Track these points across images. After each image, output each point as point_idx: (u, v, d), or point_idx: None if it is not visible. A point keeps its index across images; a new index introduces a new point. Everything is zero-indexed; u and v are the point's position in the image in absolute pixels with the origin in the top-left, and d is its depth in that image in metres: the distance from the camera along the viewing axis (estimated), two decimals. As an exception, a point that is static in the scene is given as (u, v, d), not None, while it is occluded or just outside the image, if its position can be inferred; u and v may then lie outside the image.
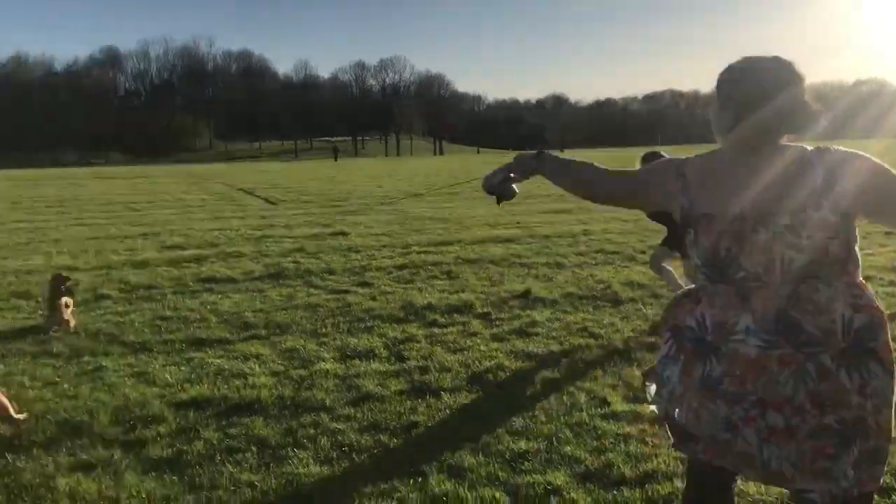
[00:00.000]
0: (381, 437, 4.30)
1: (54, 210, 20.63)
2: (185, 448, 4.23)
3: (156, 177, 42.71)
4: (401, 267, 9.65)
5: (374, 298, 7.89)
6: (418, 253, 10.78)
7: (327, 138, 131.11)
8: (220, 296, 8.22)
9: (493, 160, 60.05)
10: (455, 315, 7.05)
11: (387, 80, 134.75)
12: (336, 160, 73.12)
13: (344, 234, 13.45)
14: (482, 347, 5.97)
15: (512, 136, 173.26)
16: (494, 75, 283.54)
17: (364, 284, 8.68)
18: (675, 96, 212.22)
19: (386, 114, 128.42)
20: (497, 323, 6.74)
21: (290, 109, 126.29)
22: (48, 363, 5.85)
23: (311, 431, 4.40)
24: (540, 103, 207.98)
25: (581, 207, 16.44)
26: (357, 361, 5.71)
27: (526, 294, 7.73)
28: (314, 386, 5.17)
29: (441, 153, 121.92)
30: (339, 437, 4.31)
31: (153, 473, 3.96)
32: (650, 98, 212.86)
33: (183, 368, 5.68)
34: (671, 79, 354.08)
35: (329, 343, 6.26)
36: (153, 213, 19.02)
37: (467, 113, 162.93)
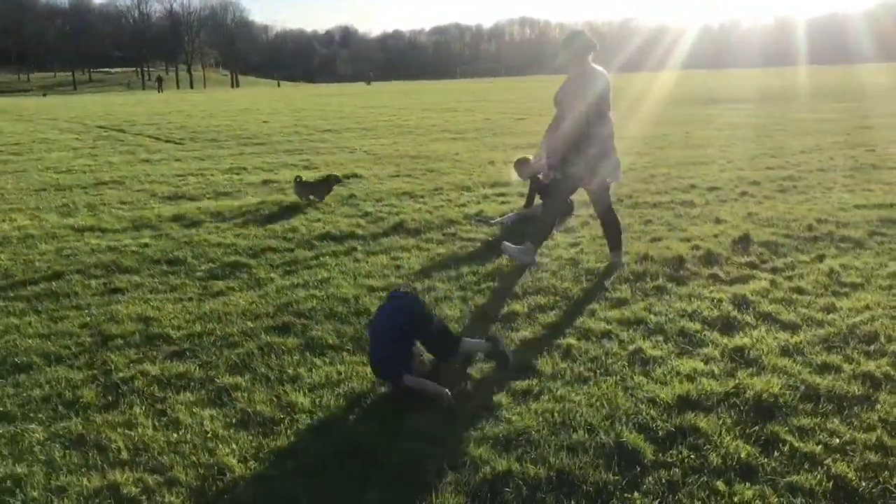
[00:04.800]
0: None
1: None
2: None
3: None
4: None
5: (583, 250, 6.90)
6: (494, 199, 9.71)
7: (107, 69, 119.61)
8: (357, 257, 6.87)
9: (299, 93, 57.33)
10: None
11: (174, 5, 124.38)
12: (160, 91, 68.23)
13: (357, 175, 11.94)
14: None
15: (303, 68, 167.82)
16: (284, 5, 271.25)
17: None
18: (462, 30, 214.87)
19: (174, 43, 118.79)
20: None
21: (59, 37, 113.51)
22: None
23: None
24: (329, 34, 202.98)
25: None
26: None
27: (745, 238, 7.10)
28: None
29: (237, 85, 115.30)
30: None
31: None
32: (437, 31, 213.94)
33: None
34: (456, 12, 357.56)
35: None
36: (47, 156, 16.01)
37: (256, 43, 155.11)
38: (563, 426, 3.65)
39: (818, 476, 3.19)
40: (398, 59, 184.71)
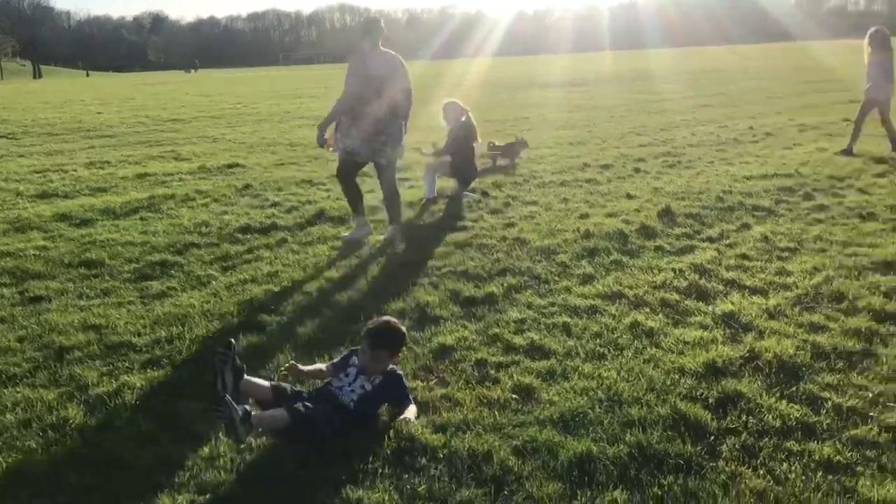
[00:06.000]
0: None
1: None
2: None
3: None
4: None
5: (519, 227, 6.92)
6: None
7: None
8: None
9: (117, 83, 54.00)
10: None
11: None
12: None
13: (239, 165, 11.40)
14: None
15: (111, 57, 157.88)
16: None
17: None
18: (280, 16, 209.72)
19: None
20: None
21: None
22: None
23: None
24: (137, 21, 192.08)
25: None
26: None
27: (668, 211, 7.37)
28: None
29: (40, 76, 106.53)
30: None
31: None
32: (254, 17, 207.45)
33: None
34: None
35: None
36: None
37: (58, 31, 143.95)
38: (612, 402, 3.62)
39: (873, 428, 3.35)
40: (214, 46, 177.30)
